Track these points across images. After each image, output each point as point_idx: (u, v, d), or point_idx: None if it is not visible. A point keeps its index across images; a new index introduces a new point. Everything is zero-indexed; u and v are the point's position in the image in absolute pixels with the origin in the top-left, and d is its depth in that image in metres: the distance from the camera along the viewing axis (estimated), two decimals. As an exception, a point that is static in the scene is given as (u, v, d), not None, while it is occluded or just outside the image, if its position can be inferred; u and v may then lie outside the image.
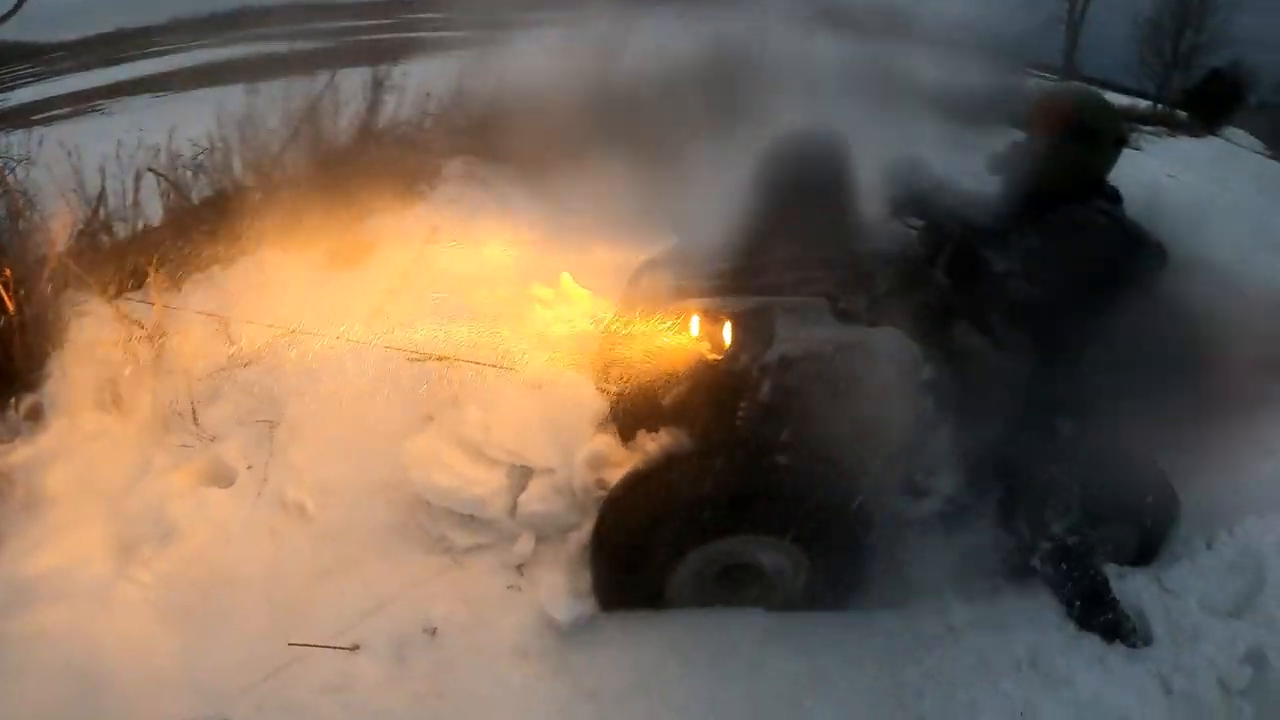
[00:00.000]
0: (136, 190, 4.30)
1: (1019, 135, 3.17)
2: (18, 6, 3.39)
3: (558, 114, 5.14)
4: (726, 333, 2.92)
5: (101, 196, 4.23)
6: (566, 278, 3.96)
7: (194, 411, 3.74)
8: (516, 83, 5.76)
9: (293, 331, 3.69)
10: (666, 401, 2.97)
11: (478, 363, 3.47)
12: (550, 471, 3.23)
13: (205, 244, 4.28)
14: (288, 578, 3.24)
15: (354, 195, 4.42)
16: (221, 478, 3.60)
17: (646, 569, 2.89)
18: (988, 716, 2.68)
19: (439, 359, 3.53)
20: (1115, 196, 3.05)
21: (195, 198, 4.48)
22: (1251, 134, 26.42)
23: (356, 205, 4.41)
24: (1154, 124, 22.34)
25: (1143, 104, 25.48)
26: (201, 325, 4.01)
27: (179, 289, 4.19)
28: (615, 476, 2.98)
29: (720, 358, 2.88)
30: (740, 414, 2.82)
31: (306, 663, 2.86)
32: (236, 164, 4.58)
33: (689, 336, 2.97)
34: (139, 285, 4.18)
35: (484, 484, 3.22)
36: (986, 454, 2.97)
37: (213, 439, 3.72)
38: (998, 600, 3.04)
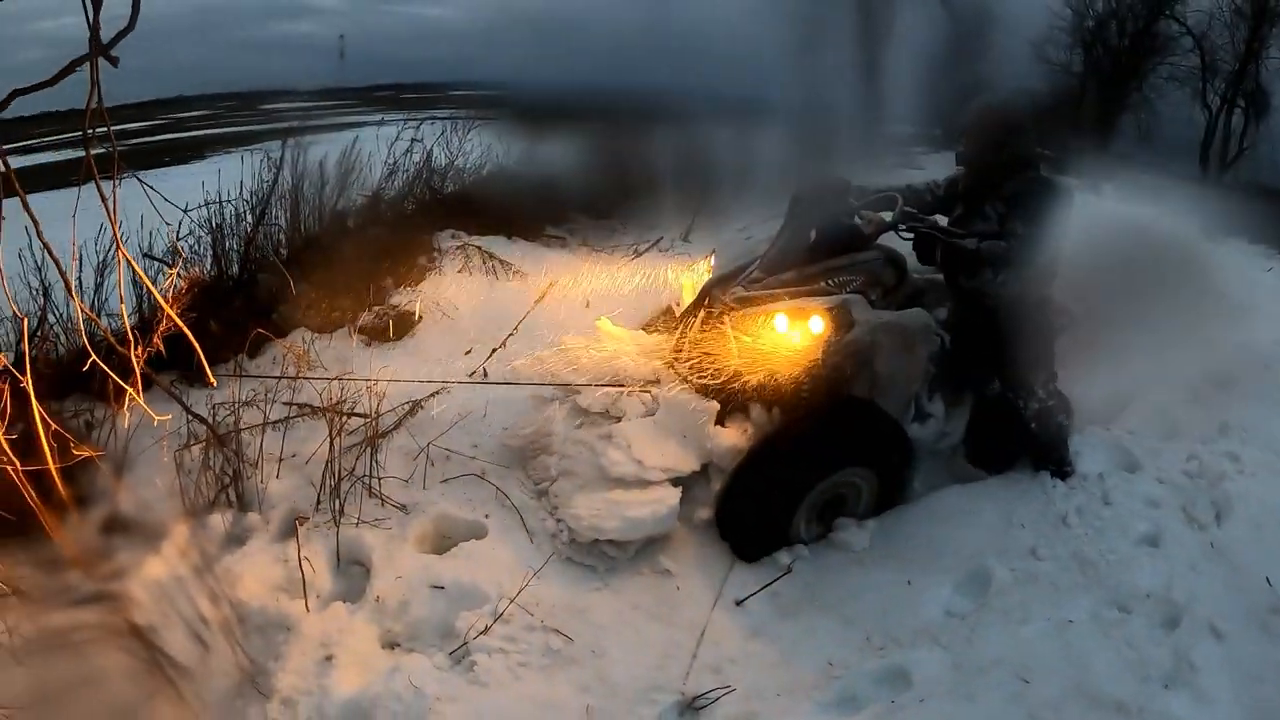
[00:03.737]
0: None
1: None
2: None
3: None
4: (817, 323, 3.78)
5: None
6: (604, 320, 4.46)
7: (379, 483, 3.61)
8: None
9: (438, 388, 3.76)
10: (760, 381, 3.81)
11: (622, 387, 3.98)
12: (697, 471, 3.83)
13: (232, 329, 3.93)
14: (644, 590, 3.50)
15: (364, 273, 4.36)
16: (466, 532, 3.60)
17: (777, 519, 3.82)
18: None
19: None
20: (1034, 163, 4.22)
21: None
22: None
23: (369, 282, 4.36)
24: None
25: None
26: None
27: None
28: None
29: (816, 341, 3.76)
30: (838, 377, 3.79)
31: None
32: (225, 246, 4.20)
33: (779, 331, 3.84)
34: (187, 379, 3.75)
35: (662, 501, 3.68)
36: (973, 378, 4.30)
37: (403, 507, 3.63)
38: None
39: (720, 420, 3.87)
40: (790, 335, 3.81)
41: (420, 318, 4.69)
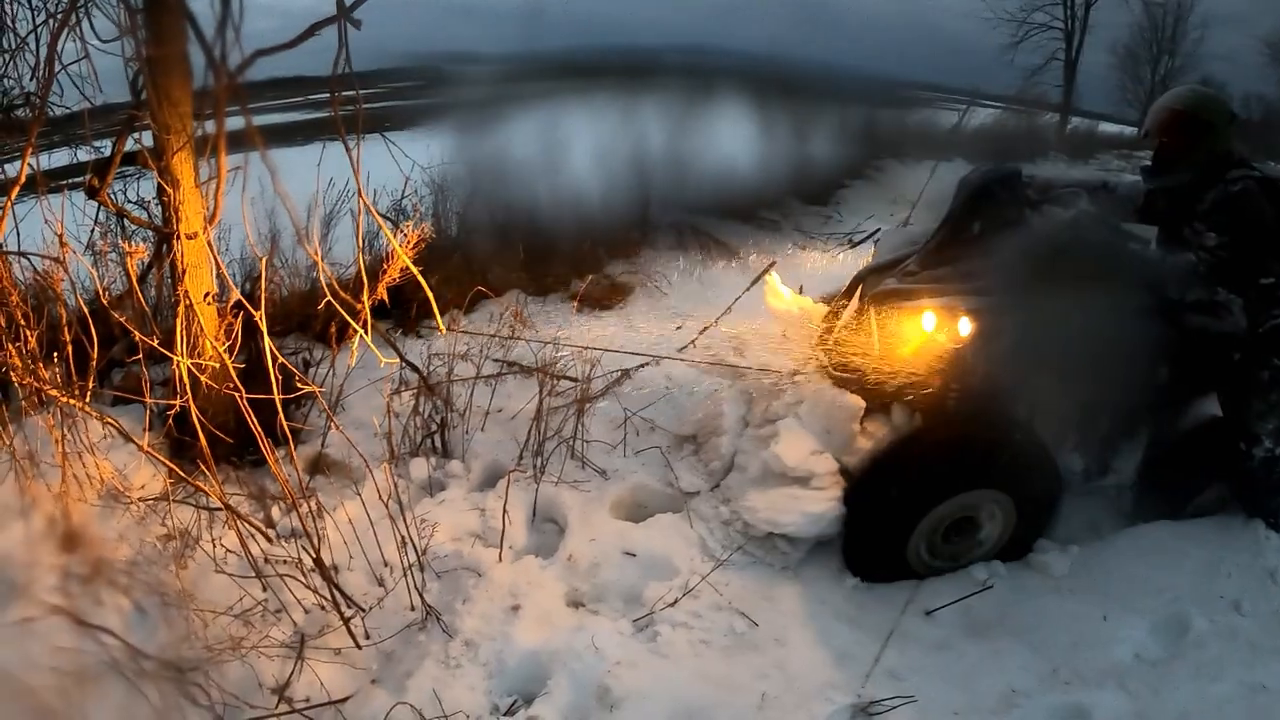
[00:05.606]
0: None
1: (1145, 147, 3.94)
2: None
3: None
4: (964, 325, 3.45)
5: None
6: (773, 278, 4.35)
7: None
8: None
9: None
10: (901, 384, 3.55)
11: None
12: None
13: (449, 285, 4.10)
14: (834, 586, 3.53)
15: (580, 241, 4.51)
16: (663, 504, 3.72)
17: (891, 536, 3.50)
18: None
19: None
20: (1243, 161, 3.65)
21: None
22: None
23: (582, 253, 4.51)
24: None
25: (1128, 131, 23.36)
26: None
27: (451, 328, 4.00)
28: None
29: (959, 345, 3.45)
30: (978, 389, 3.46)
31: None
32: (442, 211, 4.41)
33: (924, 329, 3.55)
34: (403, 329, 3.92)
35: (839, 500, 3.59)
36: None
37: (603, 472, 3.78)
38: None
39: (865, 419, 3.73)
40: (938, 335, 3.53)
41: (633, 290, 4.79)
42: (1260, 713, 3.16)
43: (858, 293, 3.94)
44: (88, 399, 3.18)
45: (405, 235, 3.93)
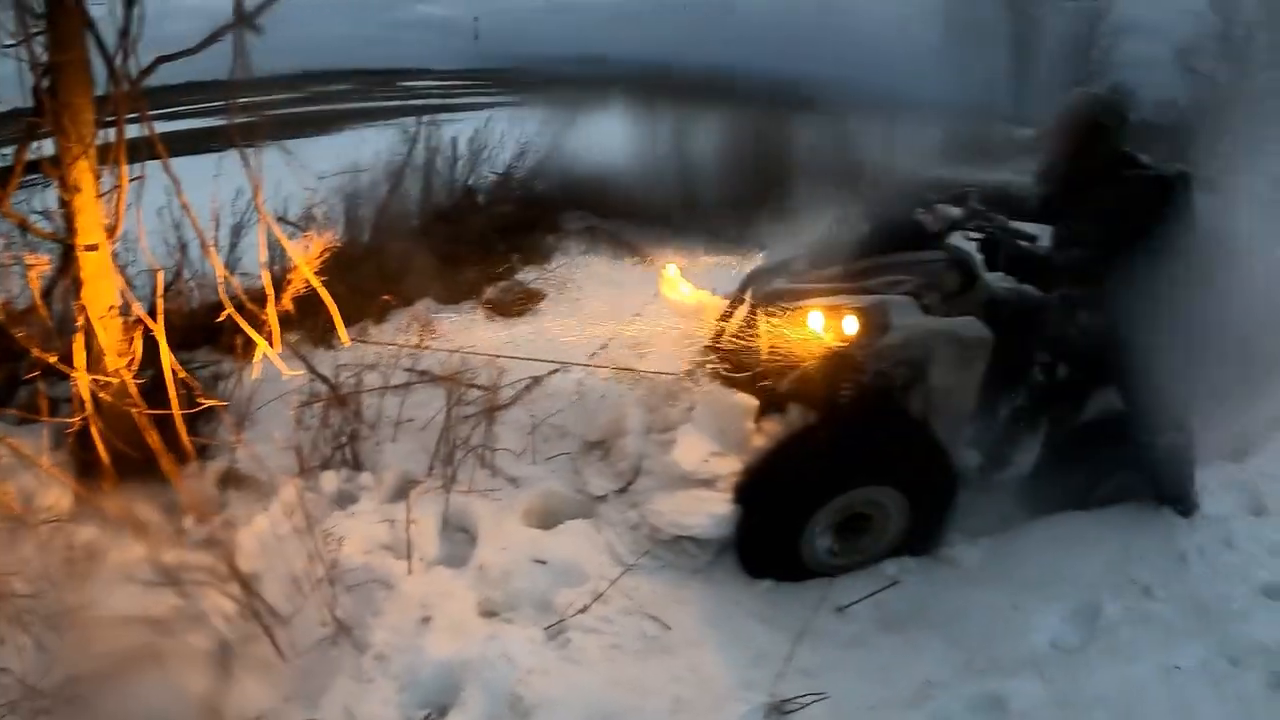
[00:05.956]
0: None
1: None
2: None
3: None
4: (850, 323, 3.48)
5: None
6: (673, 269, 4.40)
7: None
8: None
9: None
10: (792, 381, 3.60)
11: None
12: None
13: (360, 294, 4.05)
14: (746, 587, 3.53)
15: (491, 248, 4.49)
16: (574, 510, 3.68)
17: (783, 532, 3.53)
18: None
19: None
20: (1135, 161, 3.62)
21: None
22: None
23: (494, 259, 4.49)
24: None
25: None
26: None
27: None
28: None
29: (846, 343, 3.47)
30: (865, 384, 3.47)
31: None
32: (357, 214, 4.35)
33: (812, 328, 3.57)
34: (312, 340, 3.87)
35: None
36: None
37: (514, 480, 3.73)
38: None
39: (758, 418, 3.72)
40: (825, 334, 3.55)
41: (544, 295, 4.78)
42: (1175, 693, 3.20)
43: (748, 294, 3.98)
44: (-13, 419, 3.09)
45: (310, 245, 3.87)
